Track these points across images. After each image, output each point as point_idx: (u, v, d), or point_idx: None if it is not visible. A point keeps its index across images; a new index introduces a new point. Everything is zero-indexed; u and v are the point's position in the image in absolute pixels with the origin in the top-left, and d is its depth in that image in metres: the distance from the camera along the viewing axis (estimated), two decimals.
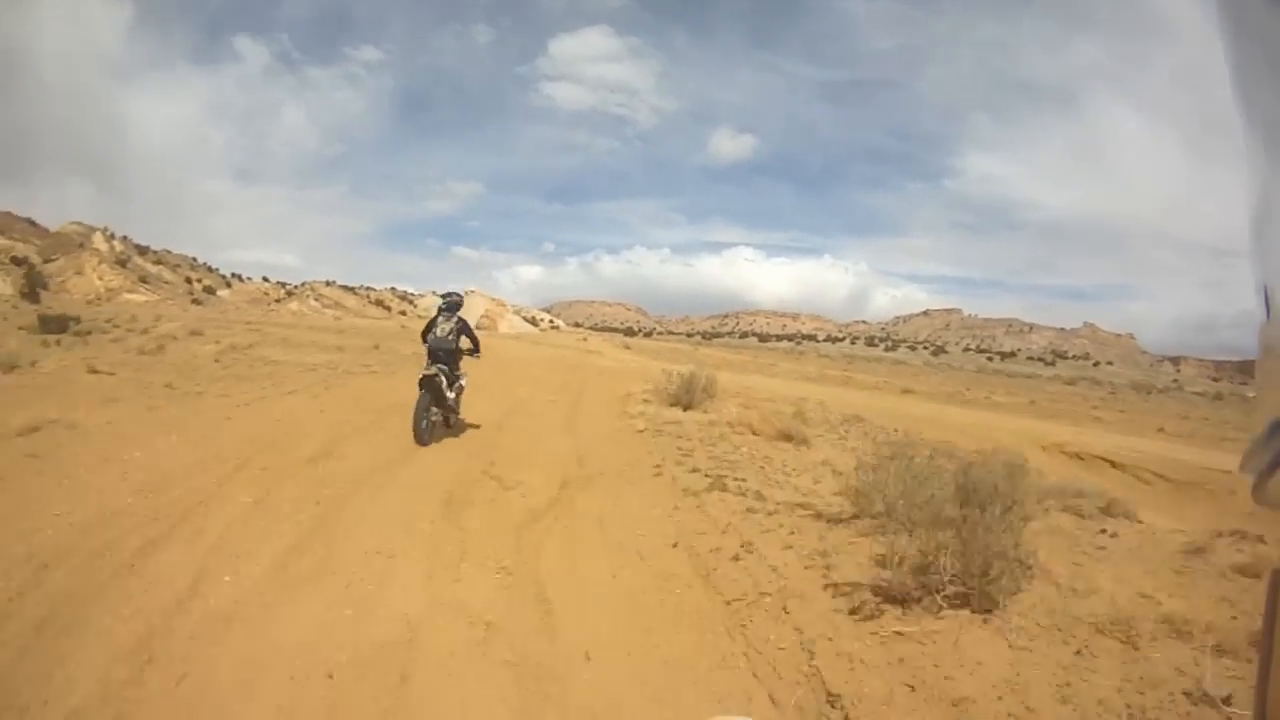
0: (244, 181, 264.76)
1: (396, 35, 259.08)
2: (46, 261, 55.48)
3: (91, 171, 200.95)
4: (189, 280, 69.54)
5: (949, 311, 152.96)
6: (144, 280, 57.99)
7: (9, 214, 63.99)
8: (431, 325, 7.28)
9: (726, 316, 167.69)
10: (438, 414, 7.09)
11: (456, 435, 7.43)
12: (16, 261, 51.54)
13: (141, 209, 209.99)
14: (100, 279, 54.74)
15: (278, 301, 72.93)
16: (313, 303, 75.95)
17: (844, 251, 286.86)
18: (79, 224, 66.95)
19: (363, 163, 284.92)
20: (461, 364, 7.44)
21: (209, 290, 68.82)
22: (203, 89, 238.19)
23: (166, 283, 64.25)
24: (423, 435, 6.76)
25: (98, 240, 64.70)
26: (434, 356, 7.03)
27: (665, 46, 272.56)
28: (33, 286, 28.81)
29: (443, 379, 6.93)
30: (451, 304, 7.40)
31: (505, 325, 44.89)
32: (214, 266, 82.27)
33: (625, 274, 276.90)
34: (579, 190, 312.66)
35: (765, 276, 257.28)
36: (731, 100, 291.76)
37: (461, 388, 7.48)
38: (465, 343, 7.25)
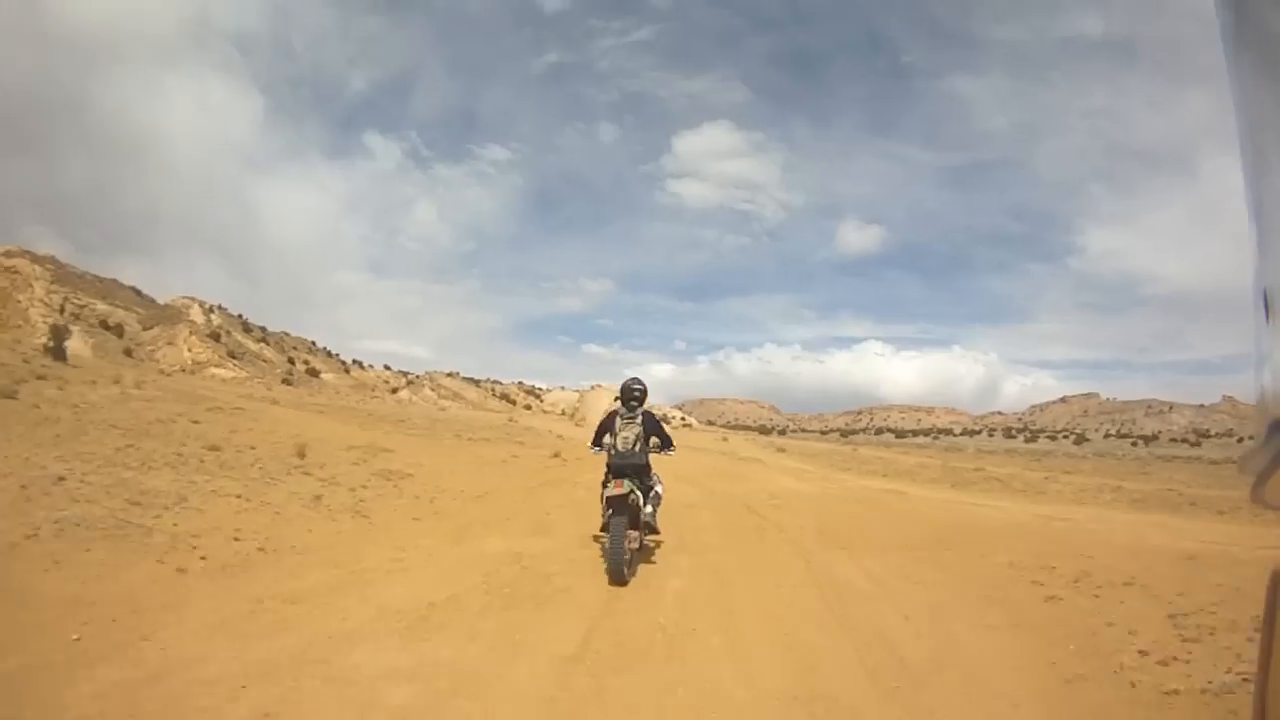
0: (378, 274, 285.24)
1: (522, 134, 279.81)
2: (145, 330, 55.88)
3: (223, 255, 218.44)
4: (291, 361, 67.44)
5: (1086, 396, 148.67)
6: (233, 355, 56.94)
7: (114, 281, 64.57)
8: (607, 428, 5.84)
9: (860, 413, 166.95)
10: (636, 540, 5.62)
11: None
12: (106, 326, 52.14)
13: (273, 295, 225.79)
14: (189, 350, 54.07)
15: (393, 391, 72.12)
16: (428, 392, 76.09)
17: (972, 341, 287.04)
18: (189, 298, 66.29)
19: (494, 259, 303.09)
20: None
21: (312, 373, 66.65)
22: (336, 182, 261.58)
23: (266, 361, 62.94)
24: (622, 572, 5.14)
25: (194, 312, 63.91)
26: (619, 473, 5.56)
27: (787, 139, 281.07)
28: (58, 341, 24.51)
29: (638, 495, 5.56)
30: (633, 395, 5.81)
31: None
32: (334, 352, 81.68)
33: (756, 371, 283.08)
34: (709, 287, 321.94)
35: (895, 370, 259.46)
36: (855, 191, 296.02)
37: (659, 496, 6.01)
38: (654, 443, 5.85)
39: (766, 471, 16.87)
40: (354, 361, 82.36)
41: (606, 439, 5.81)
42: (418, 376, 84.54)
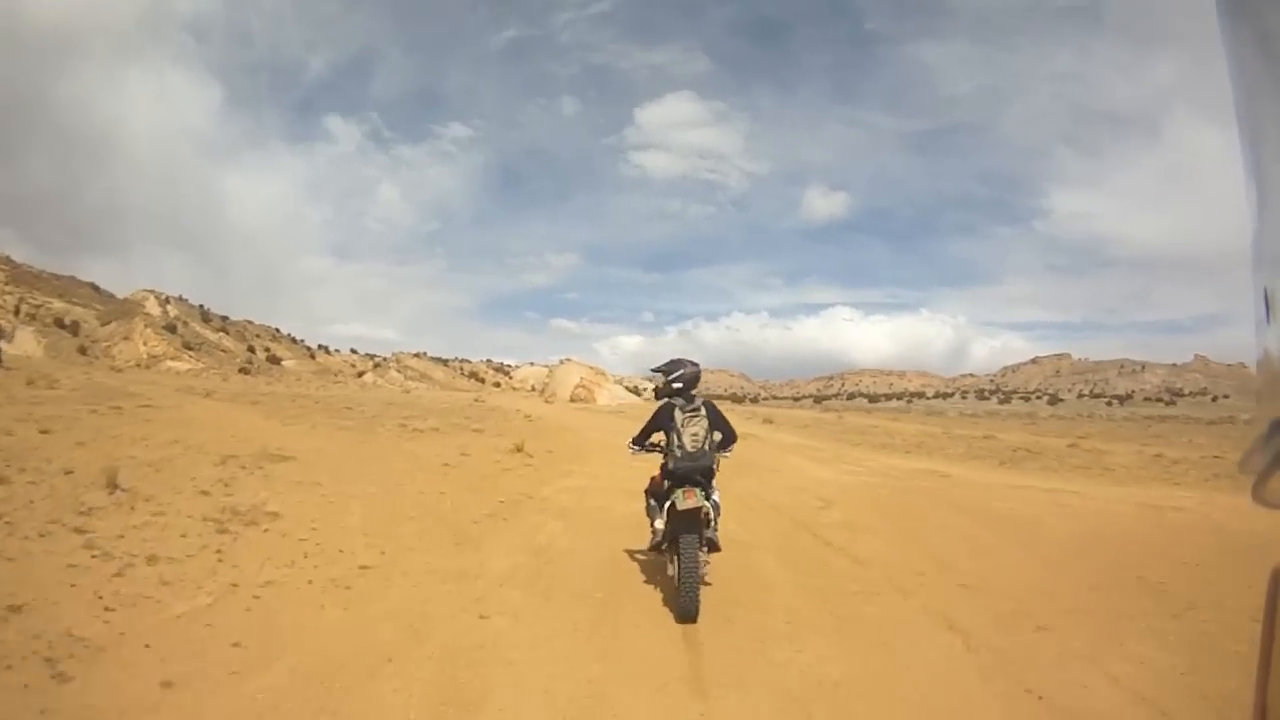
0: (343, 258, 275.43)
1: (484, 111, 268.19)
2: (102, 325, 54.68)
3: (187, 247, 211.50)
4: (251, 350, 65.95)
5: (1059, 357, 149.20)
6: (189, 347, 55.81)
7: (72, 278, 63.24)
8: (662, 425, 4.72)
9: (831, 378, 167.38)
10: (706, 561, 4.58)
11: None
12: (61, 324, 50.80)
13: (240, 284, 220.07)
14: (145, 344, 52.30)
15: (360, 375, 71.17)
16: (394, 374, 75.37)
17: (941, 304, 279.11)
18: (150, 291, 64.97)
19: (459, 237, 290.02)
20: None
21: (274, 360, 65.44)
22: (297, 167, 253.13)
23: (225, 350, 61.81)
24: (696, 607, 4.20)
25: (150, 304, 62.40)
26: (686, 479, 4.51)
27: (750, 108, 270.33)
28: None
29: (708, 508, 4.54)
30: (687, 378, 4.79)
31: (604, 396, 39.11)
32: (299, 338, 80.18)
33: (725, 340, 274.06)
34: (675, 258, 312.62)
35: (864, 335, 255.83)
36: (820, 158, 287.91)
37: (718, 505, 4.83)
38: (716, 438, 4.79)
39: (774, 453, 14.33)
40: (319, 347, 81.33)
41: (658, 437, 4.85)
42: (385, 359, 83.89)
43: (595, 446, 13.00)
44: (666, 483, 4.64)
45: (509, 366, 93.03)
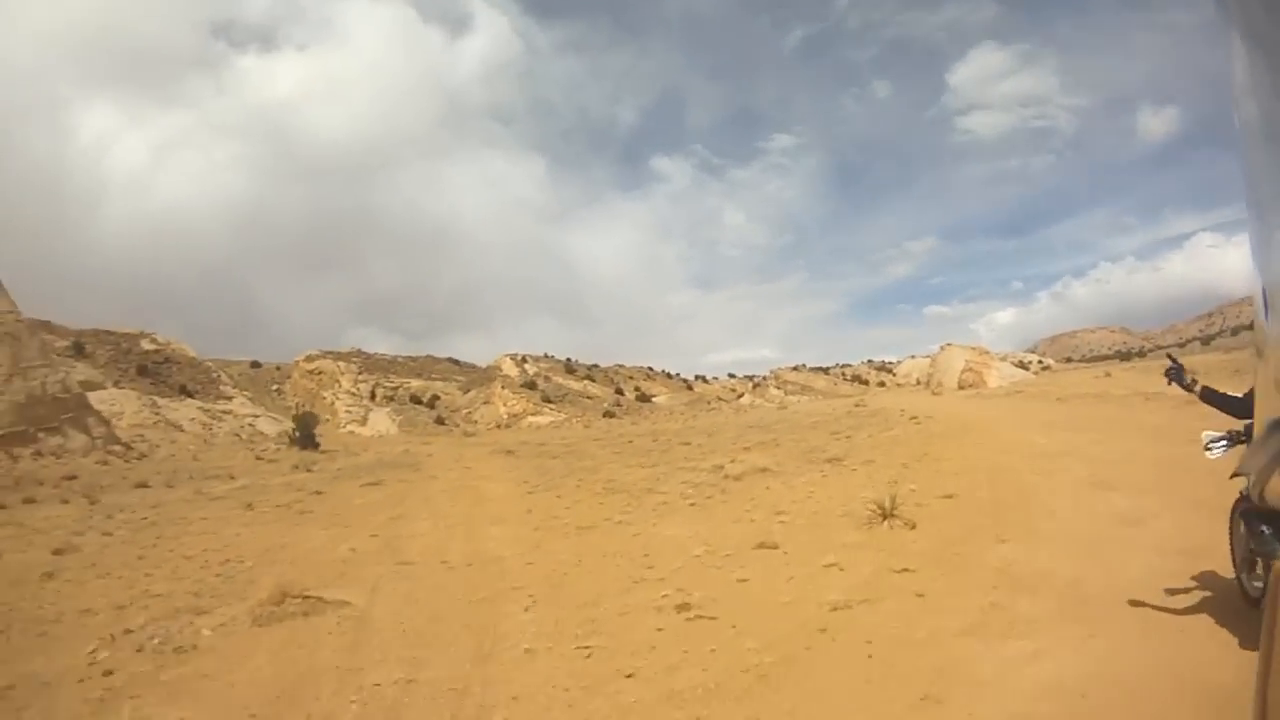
0: (706, 288, 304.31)
1: (801, 116, 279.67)
2: (464, 394, 56.70)
3: (551, 309, 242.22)
4: (620, 391, 64.97)
5: None
6: (548, 400, 55.44)
7: (429, 357, 66.44)
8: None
9: (1212, 315, 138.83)
10: None
11: None
12: (418, 401, 53.26)
13: (609, 333, 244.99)
14: (504, 405, 53.27)
15: (739, 397, 69.83)
16: (773, 391, 73.31)
17: None
18: (515, 355, 65.85)
19: (815, 245, 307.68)
20: None
21: (643, 398, 64.95)
22: (639, 212, 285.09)
23: (591, 397, 60.66)
24: None
25: (506, 365, 63.80)
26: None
27: (1052, 41, 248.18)
28: (305, 429, 23.19)
29: None
30: None
31: (995, 377, 34.99)
32: (674, 373, 79.24)
33: (1096, 295, 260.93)
34: (1029, 218, 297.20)
35: (1231, 259, 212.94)
36: (1139, 74, 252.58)
37: None
38: None
39: None
40: (697, 377, 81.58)
41: None
42: (763, 378, 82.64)
43: (1034, 465, 7.99)
44: None
45: (890, 364, 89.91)
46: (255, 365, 57.58)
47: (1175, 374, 3.65)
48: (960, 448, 9.96)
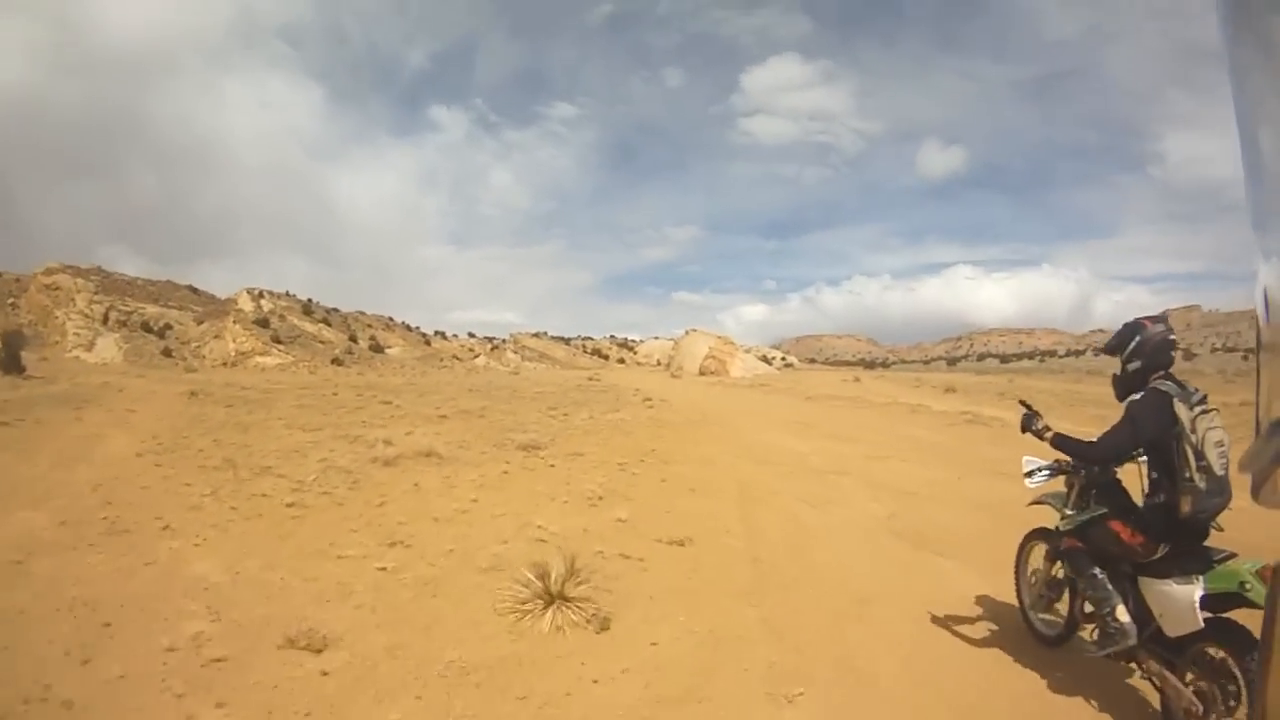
0: (461, 245, 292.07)
1: (589, 89, 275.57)
2: (197, 326, 53.60)
3: (303, 247, 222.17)
4: (354, 339, 61.58)
5: (1187, 309, 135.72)
6: (279, 341, 52.43)
7: (169, 282, 62.62)
8: (1154, 427, 2.86)
9: (959, 339, 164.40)
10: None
11: None
12: (149, 329, 49.71)
13: (358, 278, 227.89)
14: (234, 342, 50.08)
15: (475, 357, 68.62)
16: (510, 355, 72.82)
17: (1062, 258, 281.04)
18: (252, 290, 61.36)
19: (577, 217, 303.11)
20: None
21: (377, 348, 61.83)
22: (406, 159, 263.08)
23: (324, 342, 57.45)
24: None
25: (243, 300, 59.37)
26: (1200, 531, 2.83)
27: (856, 65, 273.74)
28: (9, 349, 17.06)
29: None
30: (1160, 345, 2.97)
31: (738, 367, 34.55)
32: (413, 326, 75.44)
33: (848, 305, 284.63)
34: (794, 224, 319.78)
35: (986, 293, 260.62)
36: (932, 112, 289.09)
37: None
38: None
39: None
40: (435, 332, 78.17)
41: (1142, 461, 3.01)
42: (502, 341, 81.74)
43: (803, 487, 6.63)
44: (1141, 539, 2.91)
45: (633, 342, 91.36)
46: None
47: (1028, 420, 3.38)
48: (698, 446, 8.49)
